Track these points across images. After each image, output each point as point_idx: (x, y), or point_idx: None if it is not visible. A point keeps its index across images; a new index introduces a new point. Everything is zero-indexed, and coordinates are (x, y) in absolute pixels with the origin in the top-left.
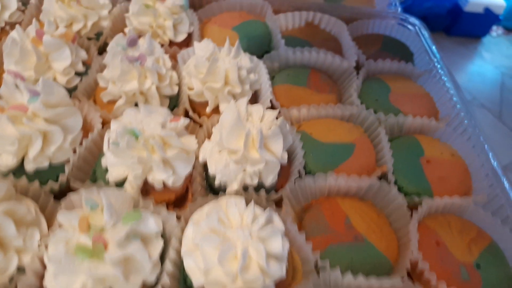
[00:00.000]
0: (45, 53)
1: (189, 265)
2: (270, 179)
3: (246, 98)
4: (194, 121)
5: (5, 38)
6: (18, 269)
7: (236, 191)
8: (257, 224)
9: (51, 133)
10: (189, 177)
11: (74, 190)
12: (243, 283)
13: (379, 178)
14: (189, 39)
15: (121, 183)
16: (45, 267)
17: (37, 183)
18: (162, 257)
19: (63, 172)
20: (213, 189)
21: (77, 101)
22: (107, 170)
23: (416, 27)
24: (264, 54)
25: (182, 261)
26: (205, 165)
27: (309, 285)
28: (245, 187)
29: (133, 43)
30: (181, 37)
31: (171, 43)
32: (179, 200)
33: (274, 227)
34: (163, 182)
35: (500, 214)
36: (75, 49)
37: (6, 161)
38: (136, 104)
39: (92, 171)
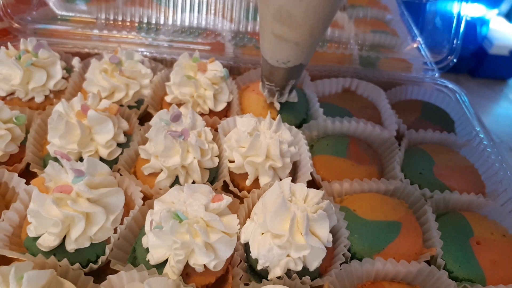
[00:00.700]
0: (89, 127)
1: None
2: (315, 264)
3: (289, 178)
4: (234, 195)
5: (49, 106)
6: None
7: (279, 277)
8: None
9: (93, 214)
10: (230, 258)
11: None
12: None
13: (427, 261)
14: (228, 107)
15: (162, 264)
16: None
17: (77, 265)
18: None
19: (103, 250)
20: (254, 269)
21: (118, 174)
22: (148, 250)
23: (456, 93)
24: (302, 121)
25: None
26: (246, 244)
27: None
28: (288, 272)
29: (176, 118)
30: (221, 107)
31: (211, 112)
32: (219, 281)
33: None
34: (205, 265)
35: None
36: (118, 121)
37: (48, 241)
38: (177, 177)
39: (132, 249)
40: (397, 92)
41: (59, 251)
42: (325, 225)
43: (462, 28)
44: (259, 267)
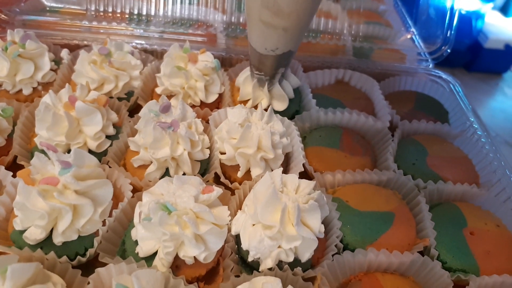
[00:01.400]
0: (77, 119)
1: None
2: (307, 256)
3: (280, 169)
4: (225, 187)
5: (37, 98)
6: None
7: (270, 268)
8: None
9: (81, 207)
10: (221, 250)
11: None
12: None
13: (420, 251)
14: (220, 98)
15: (151, 257)
16: None
17: (64, 258)
18: None
19: (91, 243)
20: (245, 261)
21: (107, 166)
22: (137, 242)
23: (450, 84)
24: (294, 113)
25: None
26: (237, 236)
27: None
28: (280, 263)
29: (166, 109)
30: (212, 98)
31: (202, 104)
32: (209, 274)
33: None
34: (195, 257)
35: None
36: (106, 113)
37: (34, 234)
38: (167, 169)
39: (121, 241)
40: (391, 83)
41: (46, 244)
42: (317, 215)
43: (456, 18)
44: (250, 258)
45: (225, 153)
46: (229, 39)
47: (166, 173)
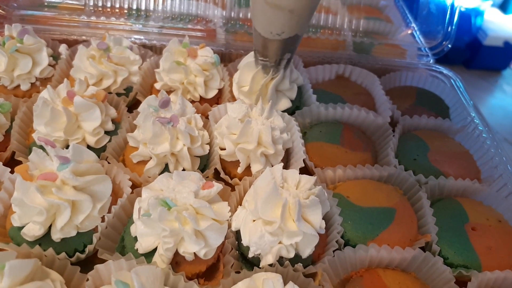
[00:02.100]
0: (76, 114)
1: None
2: (307, 251)
3: (281, 164)
4: (225, 182)
5: (35, 94)
6: None
7: (271, 264)
8: None
9: (79, 202)
10: (221, 246)
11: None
12: None
13: (422, 247)
14: (220, 94)
15: (151, 253)
16: None
17: (63, 254)
18: None
19: (90, 239)
20: (246, 257)
21: (106, 162)
22: (136, 239)
23: (451, 79)
24: (295, 108)
25: None
26: (237, 232)
27: None
28: (280, 259)
29: (165, 104)
30: (212, 94)
31: (202, 99)
32: (209, 270)
33: None
34: (195, 253)
35: None
36: (105, 108)
37: (33, 230)
38: (166, 165)
39: (120, 238)
40: (391, 78)
41: (45, 240)
42: (318, 211)
43: (457, 13)
44: (251, 254)
45: (225, 149)
46: (229, 34)
47: (165, 169)
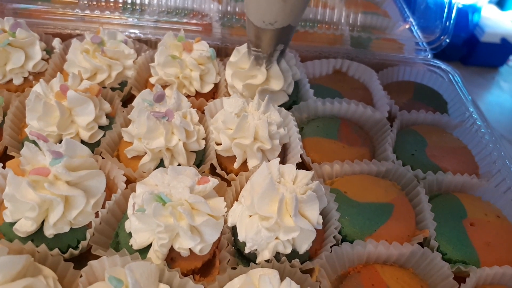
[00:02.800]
0: (69, 108)
1: None
2: (304, 247)
3: (277, 159)
4: (221, 178)
5: (28, 88)
6: None
7: (267, 260)
8: None
9: (73, 198)
10: (217, 242)
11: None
12: None
13: (420, 243)
14: (215, 88)
15: (145, 249)
16: None
17: (56, 250)
18: None
19: (84, 235)
20: (242, 253)
21: (100, 157)
22: (130, 234)
23: (449, 74)
24: (292, 103)
25: None
26: (233, 228)
27: None
28: (277, 255)
29: (160, 99)
30: (208, 88)
31: (197, 94)
32: (205, 266)
33: None
34: (190, 249)
35: None
36: (99, 103)
37: (25, 226)
38: (161, 160)
39: (114, 233)
40: (389, 73)
41: (37, 236)
42: (315, 206)
43: (455, 8)
44: (247, 250)
45: (221, 144)
46: (225, 28)
47: (160, 164)
